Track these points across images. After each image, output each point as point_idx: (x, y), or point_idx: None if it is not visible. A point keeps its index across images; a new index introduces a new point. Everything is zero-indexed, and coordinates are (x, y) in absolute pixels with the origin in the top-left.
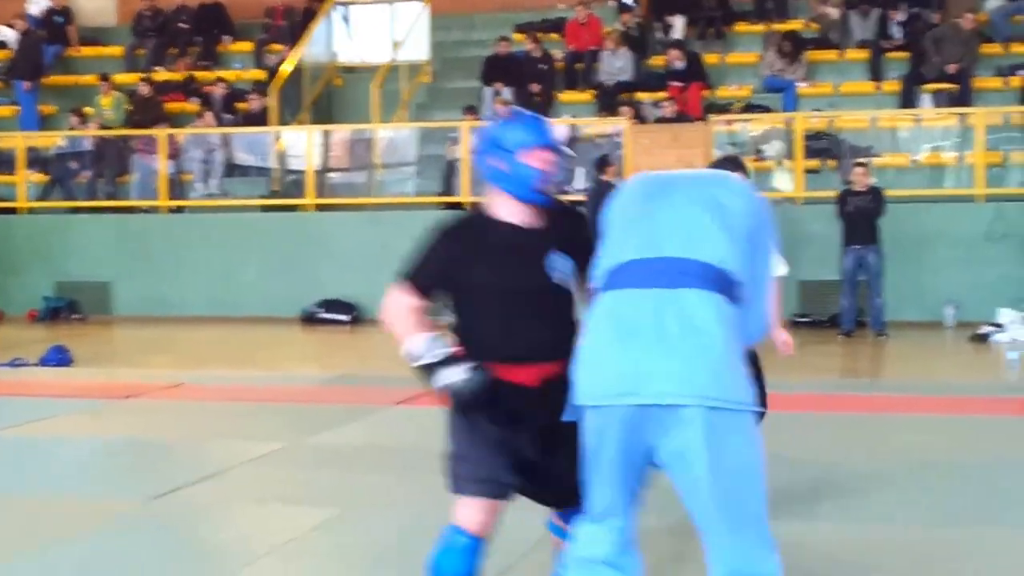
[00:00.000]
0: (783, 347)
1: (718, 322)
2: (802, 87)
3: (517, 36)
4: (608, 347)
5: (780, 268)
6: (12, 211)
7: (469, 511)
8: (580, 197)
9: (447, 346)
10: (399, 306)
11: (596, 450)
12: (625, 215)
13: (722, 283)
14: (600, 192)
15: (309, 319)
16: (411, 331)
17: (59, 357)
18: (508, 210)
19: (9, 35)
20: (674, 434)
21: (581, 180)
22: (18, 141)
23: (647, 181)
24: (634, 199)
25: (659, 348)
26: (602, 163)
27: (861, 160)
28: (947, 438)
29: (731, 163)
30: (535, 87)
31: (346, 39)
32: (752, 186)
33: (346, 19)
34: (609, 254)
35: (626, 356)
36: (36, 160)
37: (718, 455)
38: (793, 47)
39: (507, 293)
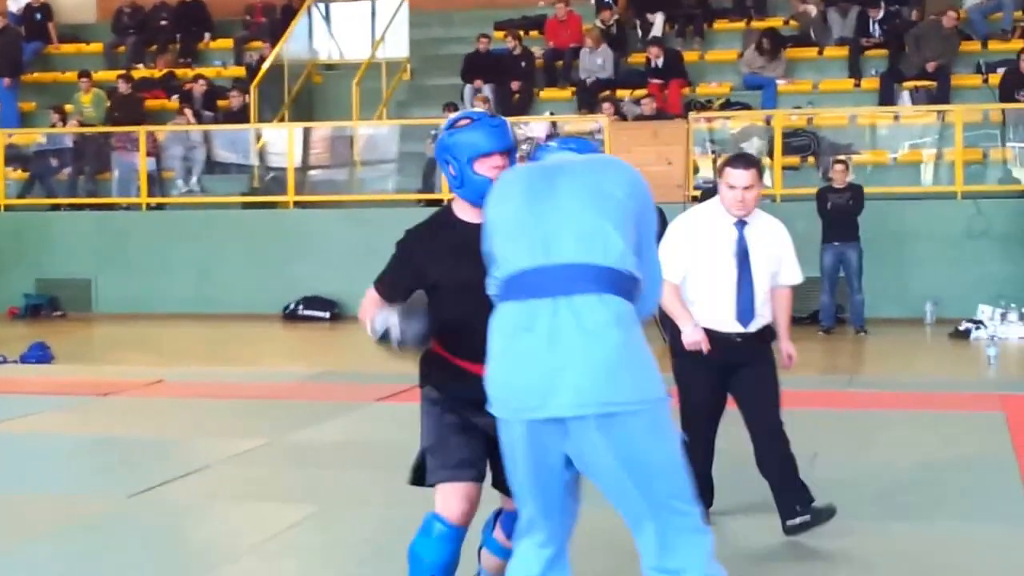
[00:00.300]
0: (787, 361)
1: (615, 325)
2: (781, 84)
3: (497, 33)
4: (509, 360)
5: (795, 276)
6: None
7: (447, 499)
8: None
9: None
10: (367, 303)
11: (511, 461)
12: (511, 216)
13: (619, 284)
14: None
15: (290, 316)
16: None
17: (40, 354)
18: (468, 210)
19: None
20: (581, 443)
21: None
22: None
23: (528, 175)
24: (518, 196)
25: (557, 360)
26: None
27: (840, 157)
28: (927, 434)
29: (743, 160)
30: (515, 84)
31: (326, 36)
32: (636, 175)
33: (326, 16)
34: (503, 261)
35: (526, 370)
36: (16, 157)
37: (626, 457)
38: (772, 44)
39: (462, 291)
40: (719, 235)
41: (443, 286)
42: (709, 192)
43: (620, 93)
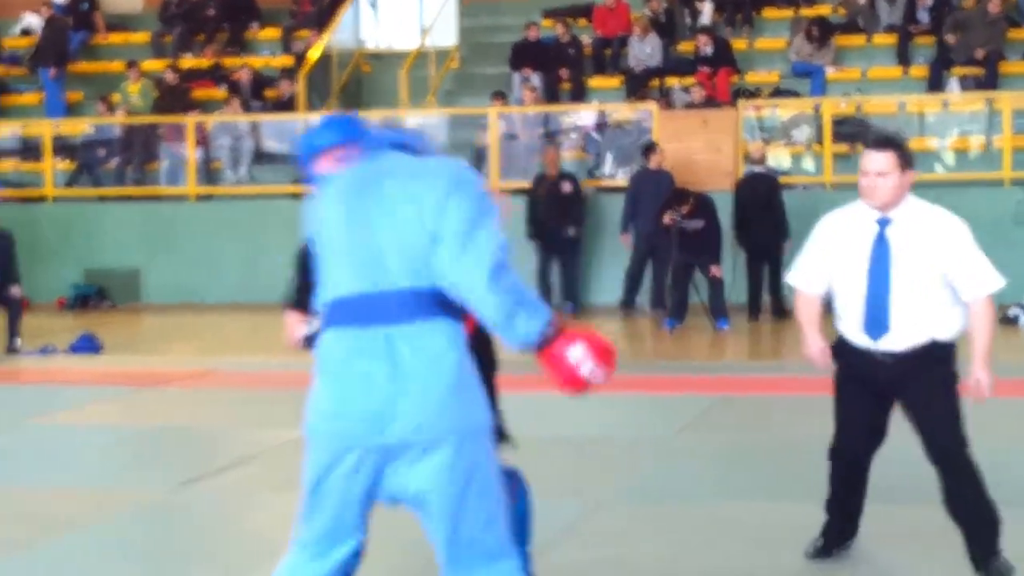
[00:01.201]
0: (976, 390)
1: (449, 351)
2: (830, 72)
3: (545, 22)
4: (342, 389)
5: (982, 283)
6: (40, 199)
7: None
8: (615, 183)
9: None
10: None
11: (322, 483)
12: (332, 230)
13: (445, 305)
14: (643, 179)
15: None
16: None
17: (88, 345)
18: None
19: (34, 21)
20: (414, 470)
21: (610, 166)
22: (45, 128)
23: (348, 182)
24: (339, 208)
25: (397, 387)
26: (647, 150)
27: None
28: (973, 419)
29: (878, 141)
30: (564, 73)
31: (374, 25)
32: (467, 168)
33: (373, 5)
34: (327, 283)
35: (363, 398)
36: (63, 147)
37: (455, 486)
38: (821, 32)
39: None
40: (857, 234)
41: None
42: (751, 177)
43: (669, 81)
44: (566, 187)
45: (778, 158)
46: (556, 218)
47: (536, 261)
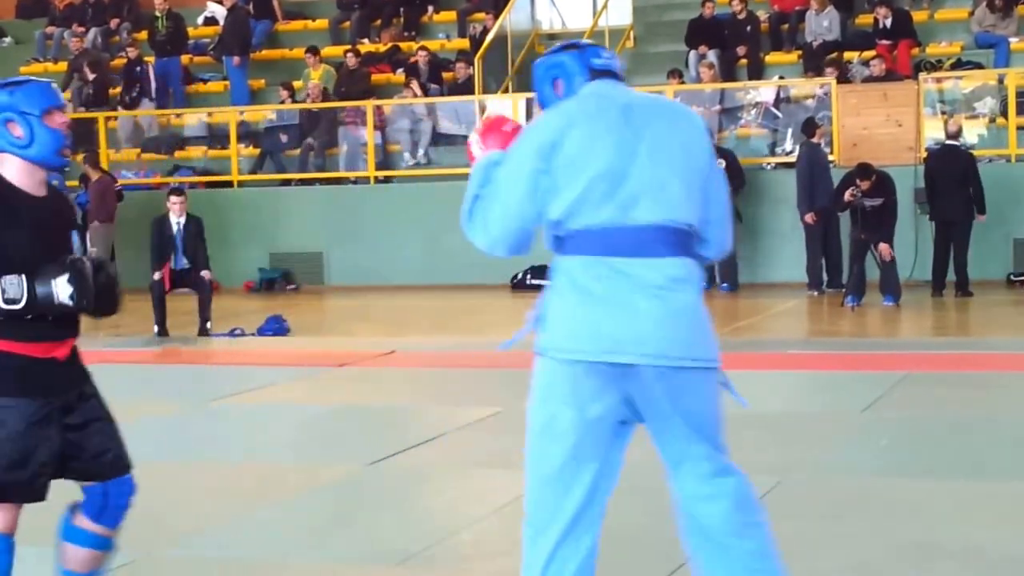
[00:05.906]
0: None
1: (689, 284)
2: (1014, 42)
3: None
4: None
5: None
6: (226, 184)
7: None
8: (789, 159)
9: None
10: None
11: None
12: (602, 163)
13: (690, 244)
14: (810, 155)
15: (518, 285)
16: None
17: (276, 327)
18: (31, 174)
19: (218, 11)
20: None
21: (788, 142)
22: (230, 115)
23: (609, 113)
24: (610, 139)
25: (639, 315)
26: (809, 126)
27: None
28: None
29: None
30: (741, 49)
31: (548, 5)
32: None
33: None
34: (577, 210)
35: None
36: (247, 134)
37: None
38: (1005, 2)
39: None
40: None
41: (23, 261)
42: (944, 150)
43: (848, 55)
44: (721, 163)
45: (967, 132)
46: None
47: None
